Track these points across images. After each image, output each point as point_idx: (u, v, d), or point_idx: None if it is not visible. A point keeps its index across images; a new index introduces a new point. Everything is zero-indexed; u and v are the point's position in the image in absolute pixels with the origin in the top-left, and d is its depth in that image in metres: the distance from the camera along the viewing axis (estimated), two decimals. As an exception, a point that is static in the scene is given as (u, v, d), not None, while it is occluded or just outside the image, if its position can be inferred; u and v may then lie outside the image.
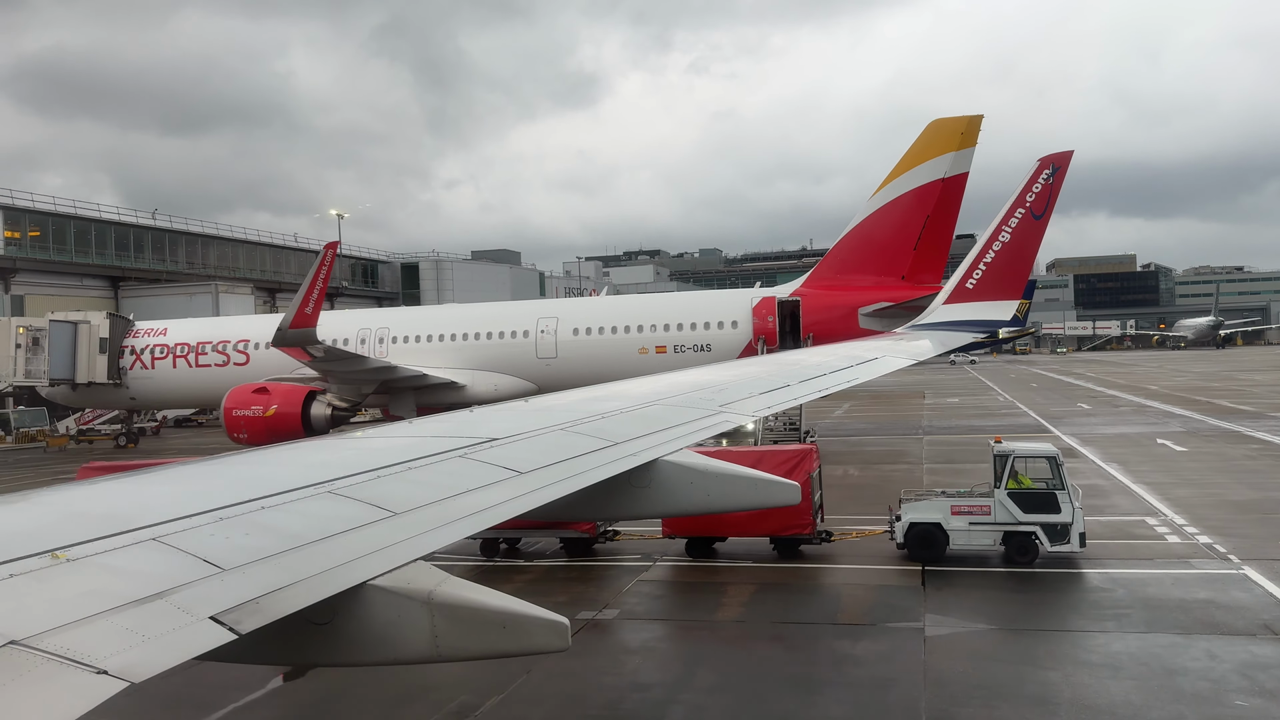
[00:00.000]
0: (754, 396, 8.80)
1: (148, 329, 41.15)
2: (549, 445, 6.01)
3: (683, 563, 16.90)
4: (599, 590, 15.58)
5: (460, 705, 10.70)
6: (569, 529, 17.54)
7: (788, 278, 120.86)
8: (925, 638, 12.11)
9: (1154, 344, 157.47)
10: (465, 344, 38.33)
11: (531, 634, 4.24)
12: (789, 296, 36.08)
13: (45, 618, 2.75)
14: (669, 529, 17.05)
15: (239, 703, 10.95)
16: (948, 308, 19.70)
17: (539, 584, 16.18)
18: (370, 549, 3.87)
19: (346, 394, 35.66)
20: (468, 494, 4.76)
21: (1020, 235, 19.75)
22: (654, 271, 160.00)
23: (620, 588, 15.50)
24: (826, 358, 12.52)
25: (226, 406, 34.99)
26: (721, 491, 7.02)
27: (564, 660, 11.93)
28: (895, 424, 41.44)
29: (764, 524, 16.49)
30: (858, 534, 17.69)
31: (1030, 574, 15.19)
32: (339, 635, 4.00)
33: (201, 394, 40.75)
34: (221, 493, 4.21)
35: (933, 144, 34.94)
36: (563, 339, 37.31)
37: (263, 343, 39.82)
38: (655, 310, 38.50)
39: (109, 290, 65.76)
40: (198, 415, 55.92)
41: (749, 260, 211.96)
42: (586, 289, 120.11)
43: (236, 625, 3.09)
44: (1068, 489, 15.60)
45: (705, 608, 14.25)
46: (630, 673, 11.53)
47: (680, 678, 11.22)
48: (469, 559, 17.81)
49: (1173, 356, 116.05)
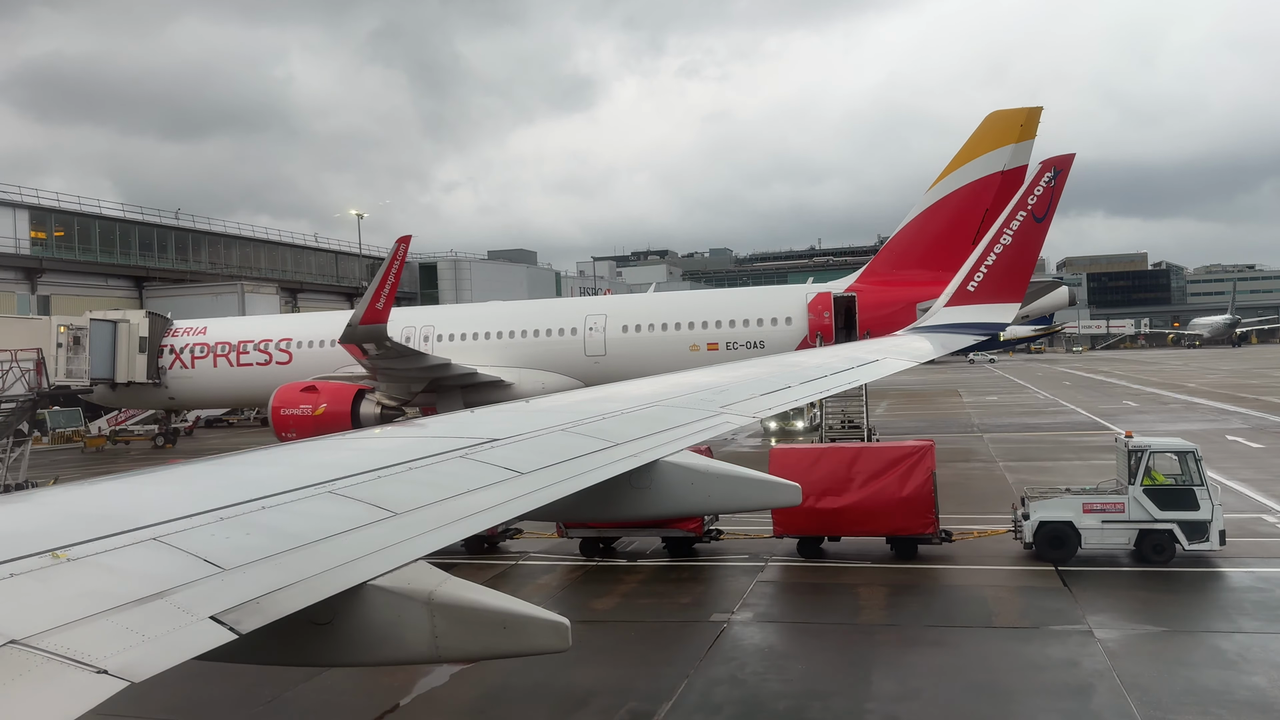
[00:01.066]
0: (755, 398, 8.75)
1: (187, 328, 40.61)
2: (550, 446, 6.00)
3: (796, 563, 16.32)
4: (720, 591, 15.02)
5: (631, 712, 10.13)
6: (674, 528, 16.97)
7: (798, 277, 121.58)
8: (1098, 640, 11.51)
9: (1169, 342, 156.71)
10: (512, 342, 37.78)
11: (532, 634, 4.21)
12: (844, 292, 35.50)
13: (45, 617, 2.74)
14: (781, 528, 16.46)
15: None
16: (949, 310, 19.65)
17: (653, 584, 15.62)
18: (371, 549, 3.87)
19: (395, 392, 35.12)
20: (468, 494, 4.73)
21: (1021, 238, 19.66)
22: (666, 271, 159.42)
23: (741, 589, 14.91)
24: (828, 359, 12.47)
25: (274, 405, 34.48)
26: (722, 492, 6.92)
27: (722, 664, 11.38)
28: (945, 422, 40.80)
29: (884, 523, 15.92)
30: (978, 534, 17.09)
31: (1171, 574, 14.60)
32: (339, 635, 3.97)
33: (243, 393, 40.24)
34: (222, 492, 4.21)
35: (991, 136, 34.37)
36: (611, 336, 36.74)
37: (305, 341, 39.43)
38: (706, 307, 37.94)
39: (133, 290, 65.27)
40: (228, 415, 55.44)
41: (759, 260, 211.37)
42: (601, 288, 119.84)
43: (237, 625, 3.07)
44: (1206, 485, 15.00)
45: (842, 610, 13.66)
46: (799, 679, 10.94)
47: (855, 684, 10.63)
48: (569, 558, 17.24)
49: (1193, 355, 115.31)
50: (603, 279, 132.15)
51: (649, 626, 13.21)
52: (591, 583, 15.88)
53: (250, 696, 11.01)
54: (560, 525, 17.51)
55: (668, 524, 16.98)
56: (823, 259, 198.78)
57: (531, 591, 15.59)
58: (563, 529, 17.49)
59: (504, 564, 17.42)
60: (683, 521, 16.88)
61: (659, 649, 12.24)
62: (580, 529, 17.34)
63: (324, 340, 39.42)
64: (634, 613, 14.03)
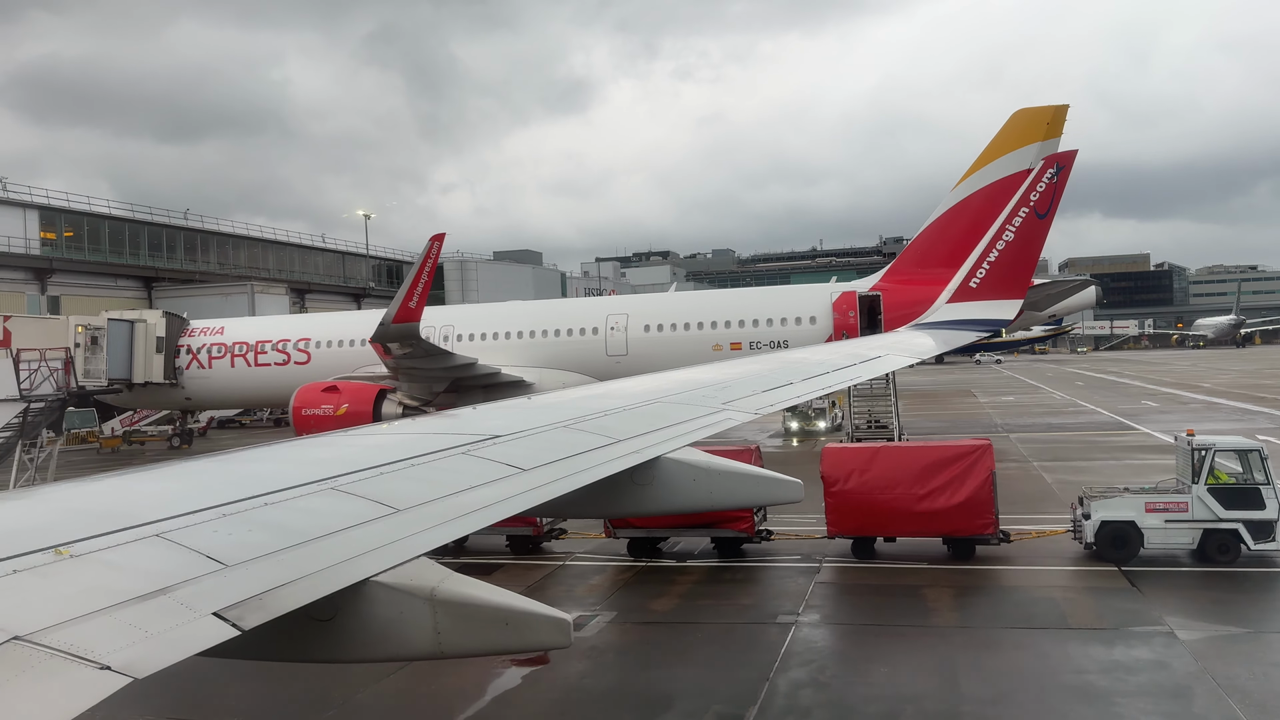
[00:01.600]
0: (756, 394, 8.75)
1: (204, 328, 40.32)
2: (551, 442, 5.98)
3: (851, 564, 16.08)
4: (779, 592, 14.78)
5: (718, 715, 9.90)
6: (724, 528, 16.73)
7: (801, 278, 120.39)
8: (1182, 642, 11.28)
9: (1173, 343, 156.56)
10: (533, 341, 37.53)
11: (534, 630, 4.21)
12: (869, 291, 35.26)
13: (49, 613, 2.74)
14: (835, 529, 16.22)
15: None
16: (951, 306, 19.66)
17: (709, 585, 15.38)
18: (373, 545, 3.86)
19: (417, 392, 34.84)
20: (470, 491, 4.71)
21: (1024, 234, 19.65)
22: (670, 272, 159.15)
23: (799, 590, 14.67)
24: (829, 356, 12.43)
25: (295, 405, 34.21)
26: (724, 488, 6.95)
27: (800, 667, 11.14)
28: (967, 422, 40.56)
29: (942, 523, 15.68)
30: (1037, 534, 16.84)
31: (1237, 574, 14.37)
32: (342, 631, 3.97)
33: (261, 394, 39.94)
34: (224, 489, 4.19)
35: (1017, 135, 34.16)
36: (633, 336, 36.50)
37: (324, 341, 39.15)
38: (729, 306, 37.69)
39: (142, 291, 64.96)
40: (240, 416, 55.12)
41: (761, 261, 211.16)
42: (605, 289, 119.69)
43: (239, 621, 3.06)
44: (1273, 484, 14.77)
45: (911, 612, 13.40)
46: (883, 681, 10.70)
47: (943, 687, 10.39)
48: (617, 559, 17.00)
49: (1200, 355, 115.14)
50: (607, 279, 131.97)
51: (715, 628, 12.97)
52: (645, 584, 15.63)
53: (321, 700, 10.77)
54: (608, 525, 17.30)
55: (718, 523, 16.77)
56: (825, 259, 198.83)
57: (585, 593, 15.37)
58: (610, 529, 17.25)
59: (551, 564, 17.18)
60: (734, 521, 16.67)
61: (730, 651, 12.00)
62: (629, 529, 17.11)
63: (342, 340, 39.21)
64: (695, 614, 13.78)
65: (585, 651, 12.18)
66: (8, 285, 55.75)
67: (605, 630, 13.04)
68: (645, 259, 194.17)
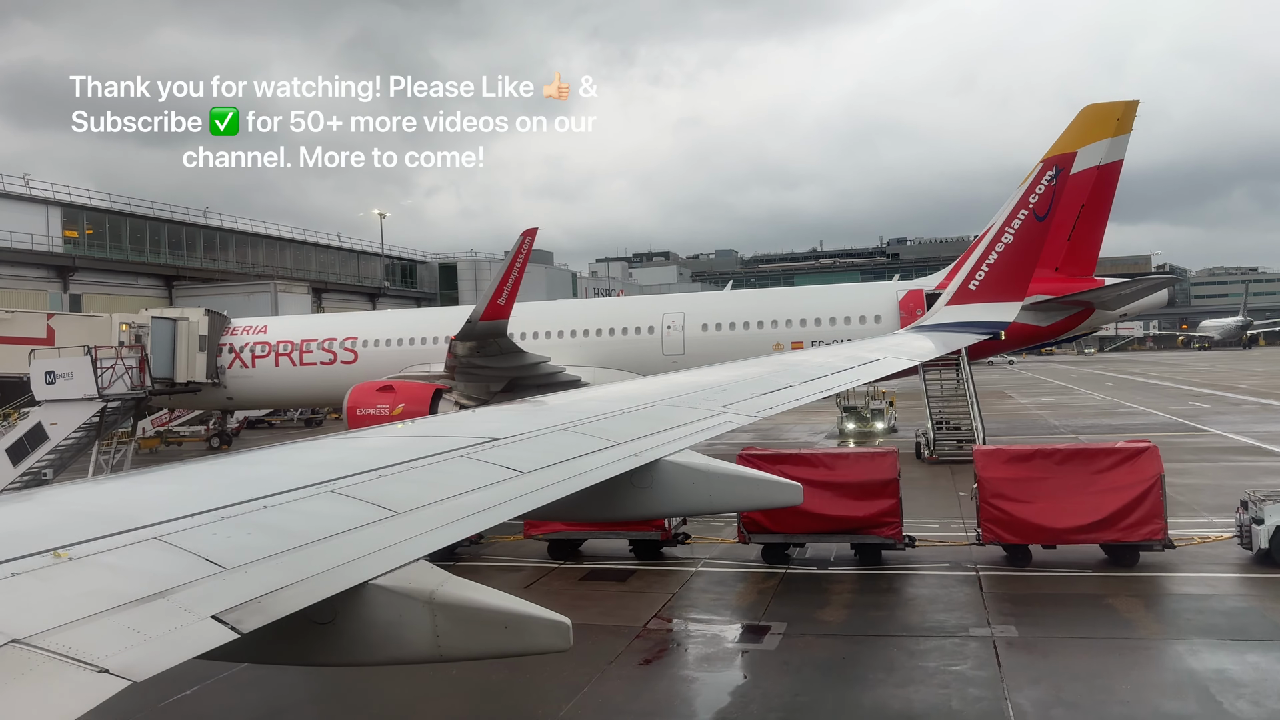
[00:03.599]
0: (756, 397, 8.75)
1: (246, 326, 39.46)
2: (551, 445, 6.01)
3: (1008, 572, 15.36)
4: (950, 602, 14.05)
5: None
6: (868, 533, 16.04)
7: (805, 279, 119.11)
8: None
9: (1179, 344, 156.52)
10: (586, 340, 36.81)
11: (534, 634, 4.20)
12: (935, 289, 34.58)
13: (47, 616, 2.74)
14: (990, 535, 15.52)
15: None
16: (950, 309, 19.54)
17: (867, 595, 14.67)
18: (372, 548, 3.86)
19: (474, 392, 34.04)
20: (469, 493, 4.73)
21: (1023, 237, 19.49)
22: (677, 272, 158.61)
23: (970, 599, 14.00)
24: (830, 358, 12.36)
25: (350, 405, 33.38)
26: (724, 492, 6.90)
27: (1034, 685, 10.43)
28: (1024, 423, 39.97)
29: (1108, 529, 15.00)
30: (1200, 539, 16.17)
31: None
32: (341, 635, 3.98)
33: (306, 394, 39.13)
34: (223, 492, 4.20)
35: (1087, 130, 33.58)
36: (690, 335, 35.82)
37: (371, 340, 38.35)
38: (788, 305, 37.00)
39: (163, 289, 64.12)
40: (270, 416, 54.23)
41: (764, 261, 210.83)
42: (614, 289, 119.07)
43: (238, 624, 3.06)
44: None
45: (1107, 623, 12.70)
46: (1134, 698, 9.99)
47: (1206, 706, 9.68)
48: (752, 566, 16.29)
49: (1211, 357, 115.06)
50: (615, 280, 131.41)
51: (904, 640, 12.24)
52: (795, 592, 14.89)
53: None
54: (742, 530, 16.61)
55: (861, 529, 16.09)
56: (828, 260, 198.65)
57: (739, 602, 14.67)
58: (745, 534, 16.55)
59: (684, 570, 16.45)
60: (880, 527, 15.99)
61: (943, 666, 11.26)
62: (764, 534, 16.42)
63: (390, 339, 38.46)
64: (872, 625, 13.08)
65: (779, 667, 11.47)
66: (31, 283, 54.86)
67: (786, 644, 12.30)
68: (647, 259, 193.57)
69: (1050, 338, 36.26)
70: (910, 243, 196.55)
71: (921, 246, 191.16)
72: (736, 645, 12.46)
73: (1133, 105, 33.65)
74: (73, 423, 25.28)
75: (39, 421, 25.26)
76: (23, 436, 24.98)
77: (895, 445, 21.06)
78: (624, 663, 11.83)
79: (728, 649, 12.35)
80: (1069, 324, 34.27)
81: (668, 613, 14.02)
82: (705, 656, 12.13)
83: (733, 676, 11.29)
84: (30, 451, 24.42)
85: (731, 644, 12.52)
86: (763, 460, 16.58)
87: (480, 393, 34.33)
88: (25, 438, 24.88)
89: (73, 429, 25.36)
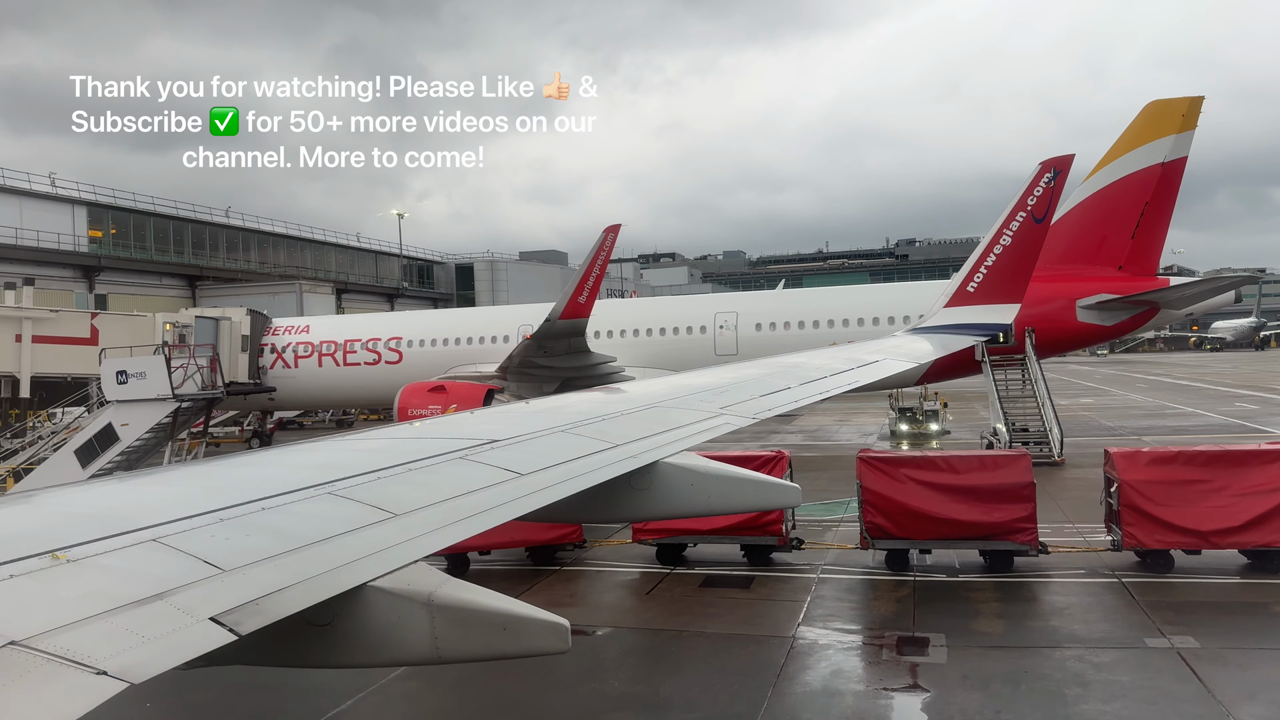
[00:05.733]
0: (754, 399, 8.72)
1: (288, 326, 38.92)
2: (550, 447, 5.98)
3: (1153, 579, 14.74)
4: (1111, 610, 13.47)
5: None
6: (1002, 539, 15.44)
7: (814, 280, 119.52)
8: None
9: (1191, 345, 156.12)
10: (637, 340, 36.25)
11: (532, 635, 4.19)
12: (997, 288, 33.97)
13: (45, 618, 2.72)
14: (1132, 541, 14.95)
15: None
16: (948, 311, 19.59)
17: (1015, 603, 14.07)
18: (371, 550, 3.83)
19: (526, 392, 33.42)
20: (468, 495, 4.72)
21: (1021, 239, 19.37)
22: (688, 273, 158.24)
23: (1121, 604, 13.42)
24: (827, 360, 12.37)
25: (401, 405, 32.84)
26: (722, 493, 6.87)
27: (1258, 702, 9.83)
28: (1076, 425, 39.18)
29: (1251, 533, 14.42)
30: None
31: None
32: (339, 636, 3.96)
33: (350, 394, 38.58)
34: (222, 493, 4.17)
35: (1151, 127, 33.00)
36: (743, 335, 35.29)
37: (416, 340, 37.80)
38: (842, 304, 36.47)
39: (186, 289, 63.58)
40: (300, 417, 53.59)
41: (772, 262, 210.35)
42: (627, 290, 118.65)
43: (237, 626, 3.03)
44: None
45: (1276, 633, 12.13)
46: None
47: None
48: (876, 573, 15.70)
49: (1225, 357, 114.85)
50: (628, 280, 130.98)
51: (1083, 651, 11.64)
52: (935, 600, 14.28)
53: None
54: (864, 536, 16.02)
55: (995, 535, 15.50)
56: (838, 260, 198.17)
57: (886, 611, 14.04)
58: (868, 540, 15.95)
59: (805, 578, 15.85)
60: (1015, 533, 15.39)
61: (1143, 680, 10.66)
62: (888, 539, 15.83)
63: (435, 339, 37.94)
64: (1040, 636, 12.46)
65: (960, 681, 10.85)
66: (58, 283, 54.26)
67: (955, 656, 11.67)
68: (654, 260, 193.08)
69: (1114, 338, 35.74)
70: (919, 244, 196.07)
71: (930, 248, 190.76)
72: (903, 658, 11.85)
73: (1198, 101, 33.06)
74: (145, 423, 24.71)
75: (109, 422, 24.70)
76: (93, 438, 24.42)
77: (958, 446, 20.42)
78: (791, 674, 11.24)
79: (895, 661, 11.74)
80: (1133, 324, 33.75)
81: (811, 622, 13.43)
82: (876, 669, 11.52)
83: (919, 692, 10.69)
84: (100, 453, 23.87)
85: (896, 656, 11.92)
86: (883, 463, 16.02)
87: (533, 393, 33.74)
88: (95, 439, 24.32)
89: (145, 430, 24.80)
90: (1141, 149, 32.86)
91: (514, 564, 17.42)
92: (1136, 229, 32.93)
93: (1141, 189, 32.71)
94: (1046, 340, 32.62)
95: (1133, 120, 33.43)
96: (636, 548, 17.69)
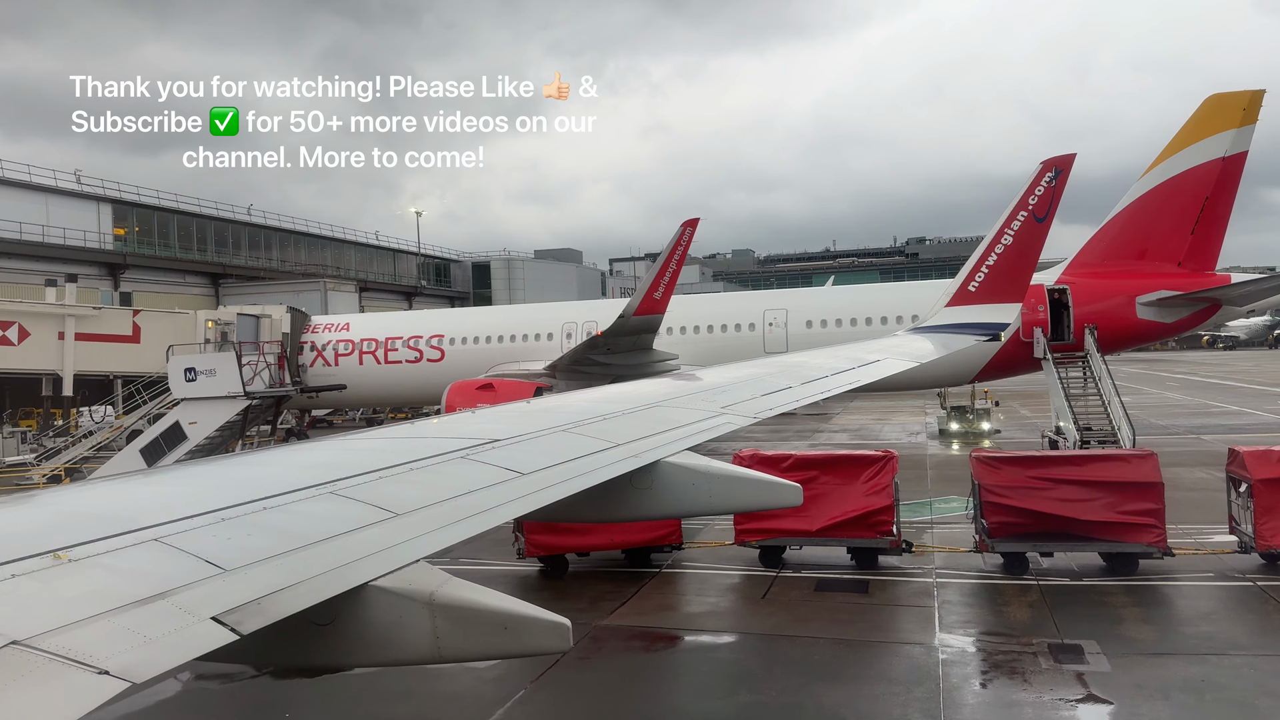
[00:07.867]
0: (755, 398, 8.72)
1: (328, 324, 38.45)
2: (551, 446, 5.97)
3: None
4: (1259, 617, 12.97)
5: None
6: (1124, 540, 14.95)
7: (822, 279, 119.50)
8: None
9: (1204, 344, 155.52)
10: (685, 338, 35.74)
11: (533, 635, 4.17)
12: (1055, 284, 33.51)
13: (47, 618, 2.73)
14: (1266, 543, 14.46)
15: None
16: (950, 310, 19.03)
17: (1150, 607, 13.58)
18: (372, 550, 3.81)
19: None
20: (469, 495, 4.70)
21: (1022, 238, 19.23)
22: (699, 271, 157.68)
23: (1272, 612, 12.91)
24: (828, 360, 12.32)
25: (449, 403, 32.41)
26: (724, 493, 6.86)
27: None
28: (1128, 423, 38.78)
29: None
30: None
31: None
32: (341, 636, 3.94)
33: (392, 393, 38.08)
34: (223, 493, 4.15)
35: (1211, 120, 32.48)
36: (794, 332, 34.80)
37: (459, 338, 37.31)
38: (894, 301, 35.94)
39: (209, 287, 63.13)
40: (331, 416, 53.12)
41: (780, 261, 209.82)
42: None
43: (238, 626, 3.03)
44: None
45: None
46: None
47: None
48: (991, 576, 15.20)
49: (1244, 356, 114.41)
50: (640, 279, 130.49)
51: (1257, 660, 11.16)
52: (1070, 605, 13.73)
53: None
54: (982, 538, 15.54)
55: (1115, 537, 15.00)
56: (847, 259, 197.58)
57: (1017, 616, 13.53)
58: (987, 542, 15.45)
59: (917, 580, 15.36)
60: (1135, 533, 14.91)
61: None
62: (1009, 541, 15.34)
63: (478, 337, 37.46)
64: (1195, 643, 11.98)
65: (1134, 690, 10.35)
66: (83, 281, 53.68)
67: (1118, 665, 11.17)
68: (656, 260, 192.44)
69: (1173, 335, 35.25)
70: (929, 242, 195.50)
71: (940, 246, 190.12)
72: (1063, 666, 11.34)
73: (1259, 95, 32.52)
74: (214, 422, 24.21)
75: (176, 420, 24.19)
76: (159, 436, 23.90)
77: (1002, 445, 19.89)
78: (955, 684, 10.74)
79: (1057, 670, 11.23)
80: (1193, 320, 33.25)
81: (949, 629, 12.92)
82: (1040, 677, 11.01)
83: (1100, 703, 10.18)
84: (167, 452, 23.33)
85: (1056, 664, 11.41)
86: (1003, 462, 15.55)
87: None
88: (162, 437, 23.80)
89: (214, 428, 24.31)
90: (1201, 143, 32.33)
91: (612, 566, 16.92)
92: (1196, 225, 32.41)
93: (1201, 184, 32.19)
94: (1106, 337, 32.16)
95: (1191, 114, 32.90)
96: (731, 549, 17.22)
